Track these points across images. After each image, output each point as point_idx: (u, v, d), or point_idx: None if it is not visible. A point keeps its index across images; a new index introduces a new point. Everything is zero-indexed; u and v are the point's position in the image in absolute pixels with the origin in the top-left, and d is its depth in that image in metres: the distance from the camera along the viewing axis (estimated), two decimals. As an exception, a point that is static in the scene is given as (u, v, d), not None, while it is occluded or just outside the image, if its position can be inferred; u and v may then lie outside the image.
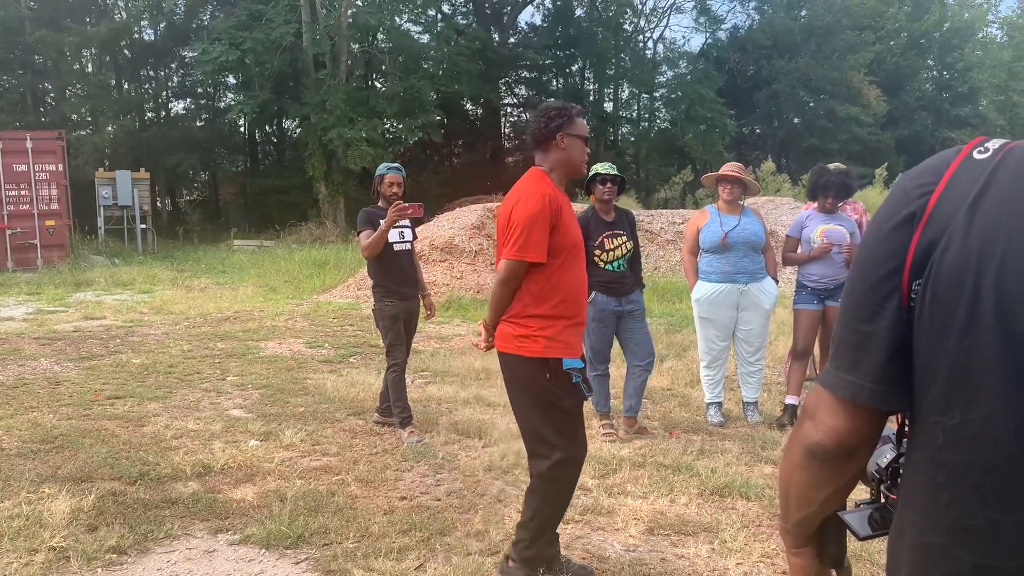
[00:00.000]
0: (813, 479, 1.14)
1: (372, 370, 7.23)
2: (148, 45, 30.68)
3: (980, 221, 0.94)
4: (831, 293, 5.53)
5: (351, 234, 21.96)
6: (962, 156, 1.01)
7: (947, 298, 0.95)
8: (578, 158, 3.28)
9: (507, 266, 3.15)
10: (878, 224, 1.05)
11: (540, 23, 35.44)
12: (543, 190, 3.14)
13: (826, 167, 5.80)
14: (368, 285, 12.12)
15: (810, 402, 1.13)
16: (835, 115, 32.42)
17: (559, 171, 3.27)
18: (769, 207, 16.37)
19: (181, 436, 5.24)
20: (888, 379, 1.03)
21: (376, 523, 3.82)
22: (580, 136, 3.26)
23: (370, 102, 25.62)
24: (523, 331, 3.13)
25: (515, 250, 3.11)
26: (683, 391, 6.55)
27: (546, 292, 3.13)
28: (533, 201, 3.11)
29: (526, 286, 3.15)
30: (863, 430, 1.08)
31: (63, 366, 7.37)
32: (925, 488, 1.01)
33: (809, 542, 1.25)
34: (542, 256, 3.10)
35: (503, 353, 3.22)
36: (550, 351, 3.10)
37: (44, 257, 16.43)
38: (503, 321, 3.21)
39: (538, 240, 3.08)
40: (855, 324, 1.06)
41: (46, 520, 3.76)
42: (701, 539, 3.71)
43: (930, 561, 1.01)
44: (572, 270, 3.19)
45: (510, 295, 3.18)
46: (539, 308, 3.13)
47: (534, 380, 3.12)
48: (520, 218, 3.11)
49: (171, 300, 11.93)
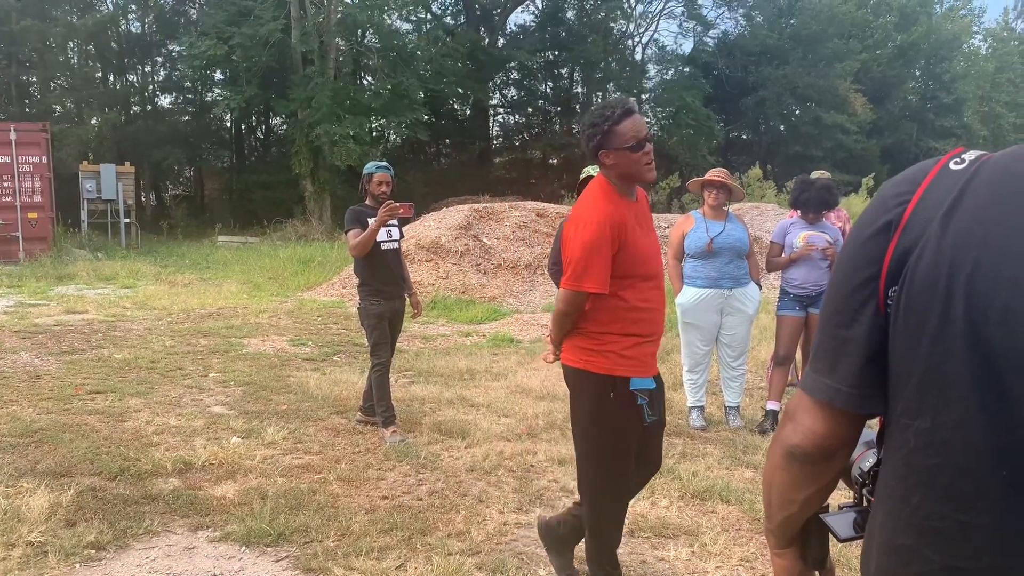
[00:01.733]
0: (793, 480, 1.16)
1: (356, 369, 7.22)
2: (135, 38, 30.46)
3: (953, 229, 0.96)
4: (813, 300, 5.57)
5: (337, 232, 21.93)
6: (939, 166, 1.03)
7: (920, 305, 0.97)
8: (632, 168, 2.90)
9: (566, 296, 2.92)
10: (857, 232, 1.07)
11: (530, 25, 35.50)
12: (601, 212, 2.86)
13: (810, 180, 5.82)
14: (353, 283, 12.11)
15: (791, 405, 1.15)
16: (821, 122, 32.66)
17: (619, 182, 2.96)
18: (754, 213, 16.46)
19: (162, 432, 5.21)
20: (865, 384, 1.05)
21: (357, 522, 3.81)
22: (625, 147, 2.86)
23: (357, 100, 25.55)
24: (592, 343, 2.92)
25: (573, 280, 2.88)
26: (666, 395, 6.56)
27: (617, 312, 2.90)
28: (591, 228, 2.84)
29: (595, 308, 2.91)
30: (841, 433, 1.10)
31: (44, 360, 7.32)
32: (896, 490, 1.03)
33: (792, 543, 1.27)
34: (603, 287, 2.84)
35: (566, 366, 3.03)
36: (619, 368, 2.89)
37: (26, 250, 16.28)
38: (574, 332, 2.99)
39: (598, 269, 2.83)
40: (833, 329, 1.08)
41: (24, 515, 3.73)
42: (681, 542, 3.73)
43: (900, 561, 1.03)
44: (646, 288, 2.95)
45: (571, 324, 2.96)
46: (611, 326, 2.90)
47: (595, 396, 2.91)
48: (578, 246, 2.86)
49: (154, 295, 11.86)
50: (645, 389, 2.93)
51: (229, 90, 26.14)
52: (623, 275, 2.88)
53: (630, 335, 2.90)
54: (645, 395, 2.93)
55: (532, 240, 13.38)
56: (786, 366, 5.77)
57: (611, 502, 3.03)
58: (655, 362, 3.05)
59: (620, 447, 2.93)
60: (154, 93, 31.90)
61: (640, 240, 2.94)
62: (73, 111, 27.76)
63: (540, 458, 4.86)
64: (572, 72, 35.63)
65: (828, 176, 6.55)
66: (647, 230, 3.04)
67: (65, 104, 27.79)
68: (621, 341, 2.89)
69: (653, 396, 2.97)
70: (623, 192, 2.96)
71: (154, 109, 31.32)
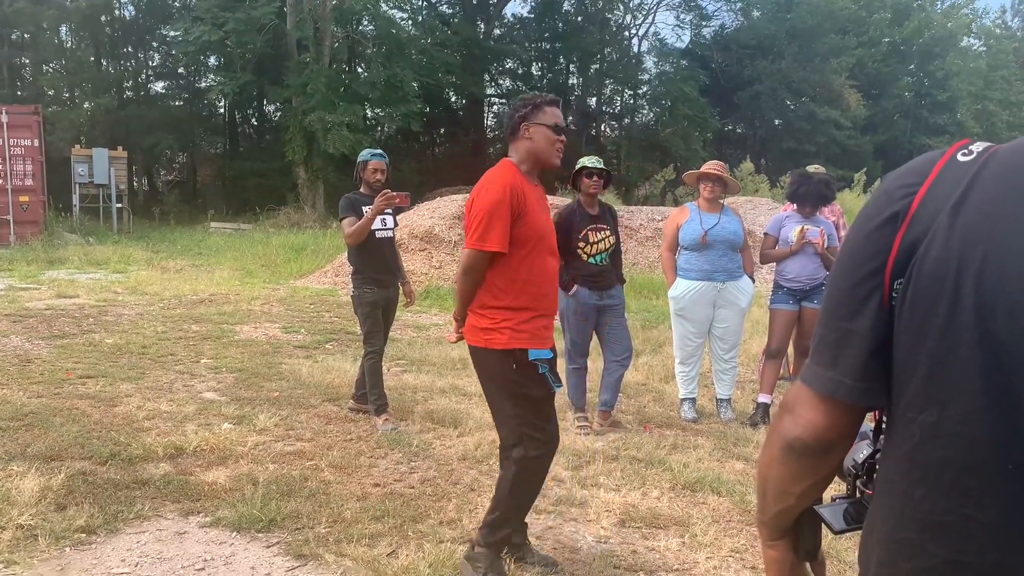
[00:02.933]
0: (791, 473, 1.15)
1: (348, 357, 7.21)
2: (128, 22, 30.26)
3: (962, 222, 0.95)
4: (807, 294, 5.58)
5: (330, 219, 21.85)
6: (946, 158, 1.02)
7: (928, 297, 0.97)
8: (546, 148, 3.17)
9: (468, 256, 3.11)
10: (861, 223, 1.06)
11: (526, 15, 35.40)
12: (506, 180, 3.09)
13: (808, 175, 5.83)
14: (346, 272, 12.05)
15: (790, 397, 1.14)
16: (815, 117, 32.71)
17: (528, 162, 3.20)
18: (748, 207, 16.49)
19: (153, 417, 5.20)
20: (868, 376, 1.04)
21: (349, 509, 3.82)
22: (548, 125, 3.15)
23: (352, 87, 25.44)
24: (488, 323, 3.11)
25: (475, 239, 3.07)
26: (658, 386, 6.60)
27: (511, 283, 3.10)
28: (494, 190, 3.06)
29: (491, 278, 3.12)
30: (841, 426, 1.09)
31: (34, 344, 7.28)
32: (900, 483, 1.03)
33: (785, 535, 1.27)
34: (503, 246, 3.04)
35: (471, 346, 3.21)
36: (515, 342, 3.08)
37: (17, 233, 16.19)
38: (471, 313, 3.19)
39: (499, 230, 3.03)
40: (836, 321, 1.07)
41: (14, 498, 3.71)
42: (672, 532, 3.74)
43: (902, 555, 1.02)
44: (538, 262, 3.15)
45: (473, 285, 3.15)
46: (504, 299, 3.10)
47: (501, 371, 3.11)
48: (481, 207, 3.06)
49: (146, 281, 11.82)
50: (544, 359, 3.12)
51: (223, 76, 26.01)
52: (521, 243, 3.09)
53: (524, 309, 3.10)
54: (545, 364, 3.12)
55: (526, 231, 13.36)
56: (778, 359, 5.78)
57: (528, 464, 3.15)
58: (551, 335, 3.25)
59: (533, 412, 3.13)
60: (148, 78, 31.72)
61: (540, 215, 3.18)
62: (66, 95, 27.56)
63: (532, 448, 4.86)
64: (568, 63, 35.57)
65: (824, 171, 6.57)
66: (545, 213, 3.26)
67: (58, 87, 27.58)
68: (515, 316, 3.09)
69: (552, 364, 3.16)
70: (526, 174, 3.20)
71: (148, 94, 31.15)
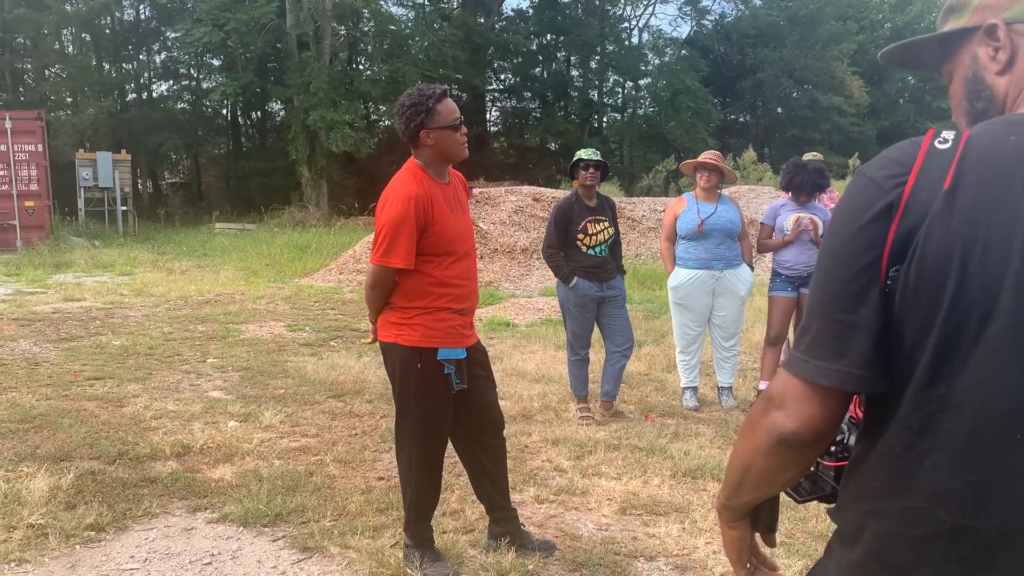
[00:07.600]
0: (779, 464, 1.17)
1: (352, 354, 7.27)
2: (130, 25, 30.34)
3: (960, 206, 1.00)
4: (805, 281, 5.62)
5: (334, 218, 21.94)
6: (926, 146, 1.06)
7: (933, 279, 1.01)
8: (451, 147, 3.11)
9: (373, 271, 3.08)
10: (851, 217, 1.08)
11: (527, 9, 35.32)
12: (410, 191, 3.00)
13: (803, 164, 5.86)
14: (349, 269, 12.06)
15: (776, 392, 1.14)
16: (818, 105, 32.57)
17: (435, 165, 3.14)
18: (750, 196, 16.49)
19: (160, 417, 5.26)
20: (873, 364, 1.07)
21: (353, 502, 3.87)
22: (447, 126, 3.06)
23: (354, 85, 25.47)
24: (400, 318, 3.09)
25: (380, 255, 3.03)
26: (660, 376, 6.64)
27: (424, 288, 3.07)
28: (398, 205, 2.99)
29: (404, 284, 3.09)
30: (836, 415, 1.12)
31: (42, 347, 7.36)
32: (906, 455, 1.06)
33: (747, 515, 1.31)
34: (408, 263, 3.01)
35: (381, 342, 3.19)
36: (427, 341, 3.07)
37: (24, 238, 16.27)
38: (386, 310, 3.16)
39: (403, 246, 2.98)
40: (835, 314, 1.08)
41: (24, 498, 3.78)
42: (672, 519, 3.78)
43: (909, 523, 1.06)
44: (453, 266, 3.12)
45: (382, 298, 3.12)
46: (419, 301, 3.08)
47: (404, 368, 3.10)
48: (385, 223, 3.01)
49: (152, 282, 11.90)
50: (453, 359, 3.12)
51: (225, 76, 26.07)
52: (431, 252, 3.06)
53: (440, 309, 3.10)
54: (453, 364, 3.12)
55: (528, 225, 13.39)
56: (778, 346, 5.82)
57: (423, 463, 3.22)
58: (470, 332, 3.27)
59: (432, 412, 3.17)
60: (150, 80, 31.82)
61: (449, 219, 3.11)
62: (68, 99, 27.66)
63: (534, 439, 4.92)
64: (569, 56, 35.51)
65: (820, 158, 6.59)
66: (459, 211, 3.20)
67: (61, 92, 27.68)
68: (430, 315, 3.08)
69: (462, 365, 3.17)
70: (435, 175, 3.14)
71: (150, 96, 31.26)
